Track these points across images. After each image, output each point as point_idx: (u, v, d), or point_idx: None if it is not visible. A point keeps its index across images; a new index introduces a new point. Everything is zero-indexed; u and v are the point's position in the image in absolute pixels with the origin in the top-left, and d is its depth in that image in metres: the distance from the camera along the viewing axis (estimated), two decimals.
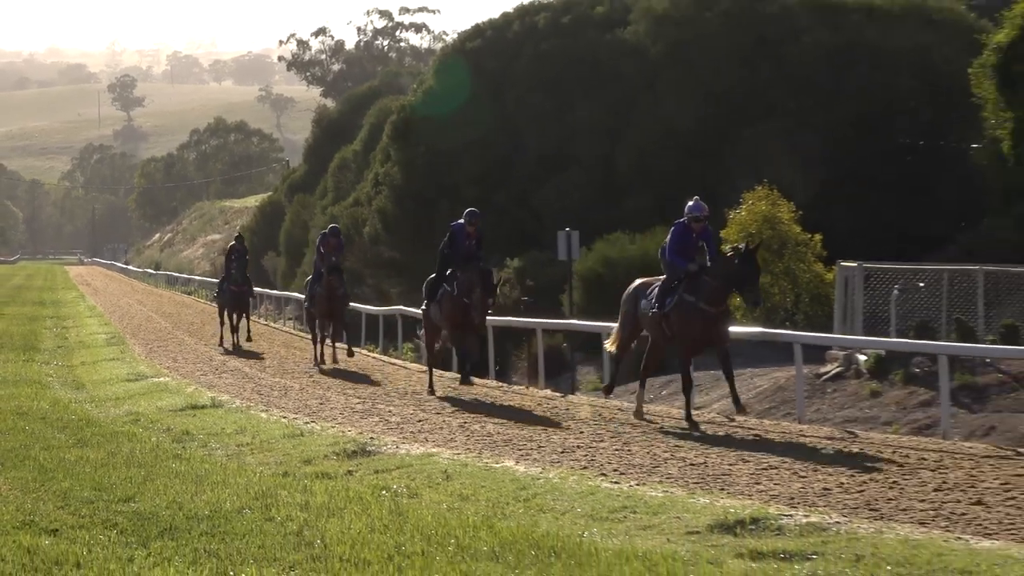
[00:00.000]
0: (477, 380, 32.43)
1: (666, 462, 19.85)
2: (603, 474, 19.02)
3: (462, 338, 30.78)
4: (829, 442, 21.11)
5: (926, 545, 13.80)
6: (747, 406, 25.28)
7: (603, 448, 21.46)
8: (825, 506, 16.07)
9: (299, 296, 66.68)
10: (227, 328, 44.23)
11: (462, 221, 30.24)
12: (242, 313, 45.45)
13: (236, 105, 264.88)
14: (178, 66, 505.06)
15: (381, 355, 43.67)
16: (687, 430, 23.24)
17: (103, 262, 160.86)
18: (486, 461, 20.59)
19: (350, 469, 20.31)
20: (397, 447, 22.35)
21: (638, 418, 24.69)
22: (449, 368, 35.24)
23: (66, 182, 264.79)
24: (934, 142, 56.34)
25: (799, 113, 56.26)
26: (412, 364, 40.65)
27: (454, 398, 29.60)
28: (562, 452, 21.25)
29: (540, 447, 21.89)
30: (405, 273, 62.08)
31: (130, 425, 26.42)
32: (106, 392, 33.23)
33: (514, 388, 32.60)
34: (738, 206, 41.96)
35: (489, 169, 61.22)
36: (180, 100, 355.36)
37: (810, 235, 40.97)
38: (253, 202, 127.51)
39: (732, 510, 15.71)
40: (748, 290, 23.43)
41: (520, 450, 21.65)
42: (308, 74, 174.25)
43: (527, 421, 25.29)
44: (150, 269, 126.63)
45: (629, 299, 25.47)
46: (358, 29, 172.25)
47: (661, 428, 23.70)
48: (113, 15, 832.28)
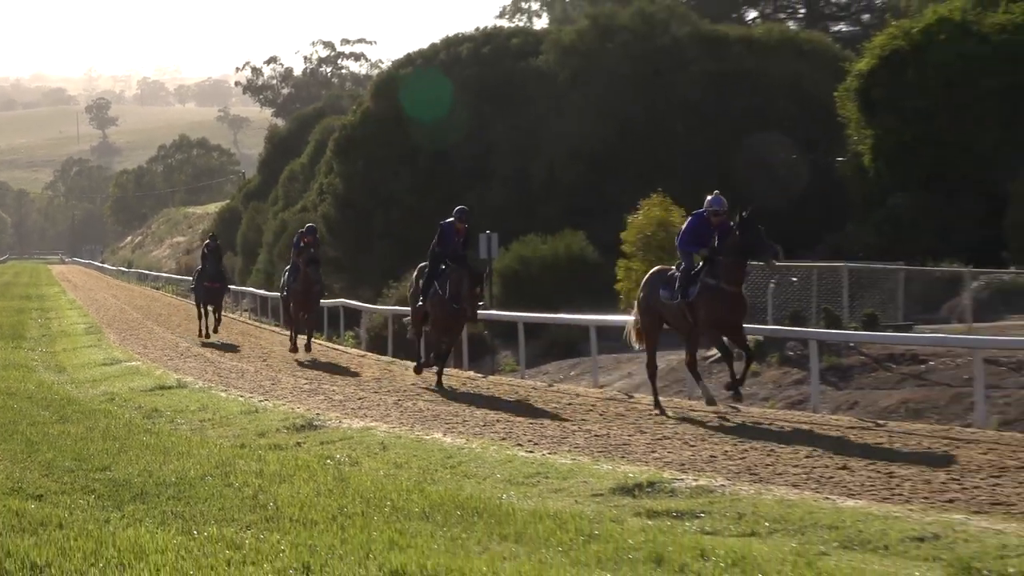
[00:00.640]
0: (407, 363, 32.36)
1: (574, 434, 19.86)
2: (519, 444, 19.05)
3: (443, 337, 28.54)
4: (714, 415, 21.16)
5: (799, 504, 13.87)
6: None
7: (519, 422, 21.47)
8: (712, 471, 16.13)
9: (253, 291, 66.75)
10: (204, 321, 42.94)
11: (452, 219, 27.60)
12: (216, 306, 43.83)
13: (198, 124, 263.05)
14: (147, 90, 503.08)
15: (326, 342, 43.50)
16: (730, 406, 21.88)
17: (82, 261, 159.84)
18: (418, 434, 20.57)
19: (299, 441, 20.26)
20: (340, 422, 22.30)
21: (710, 404, 22.12)
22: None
23: (49, 191, 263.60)
24: (805, 156, 56.57)
25: (688, 132, 56.46)
26: (352, 349, 40.57)
27: (390, 380, 29.56)
28: (484, 425, 21.25)
29: (464, 421, 21.89)
30: (346, 270, 61.98)
31: (106, 404, 26.28)
32: (85, 375, 33.04)
33: (443, 370, 32.53)
34: (636, 211, 42.04)
35: (420, 180, 61.15)
36: (149, 120, 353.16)
37: None
38: (213, 209, 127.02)
39: (631, 475, 15.75)
40: (761, 252, 21.20)
41: (447, 424, 21.64)
42: (261, 97, 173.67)
43: (453, 399, 25.29)
44: (123, 267, 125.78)
45: (646, 286, 23.14)
46: (305, 58, 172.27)
47: (570, 404, 23.69)
48: (90, 45, 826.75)
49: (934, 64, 46.51)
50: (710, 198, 22.00)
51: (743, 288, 22.31)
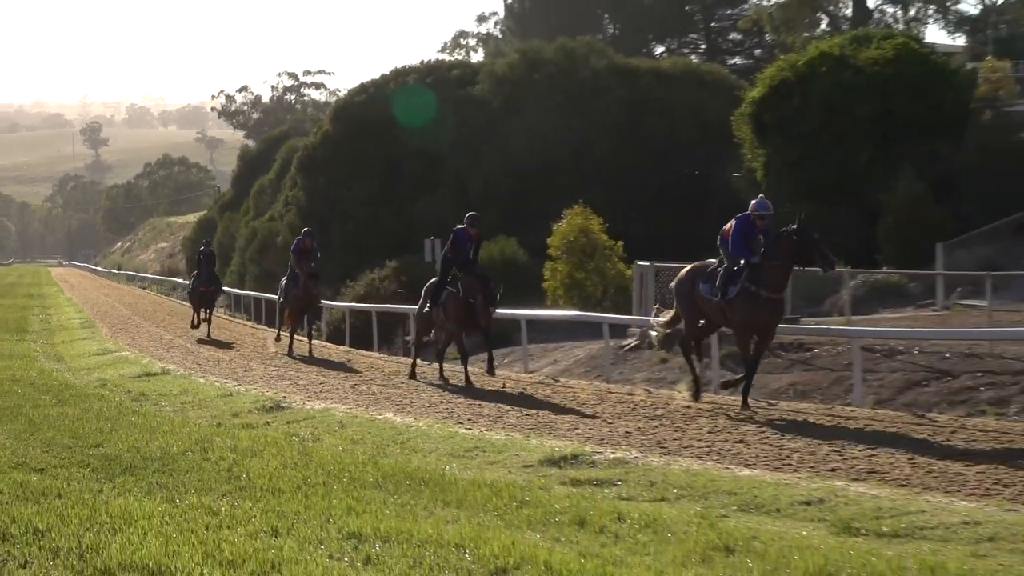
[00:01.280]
0: (373, 354, 32.31)
1: (507, 413, 19.85)
2: (460, 423, 19.03)
3: (462, 334, 25.74)
4: (630, 397, 21.18)
5: (702, 473, 13.91)
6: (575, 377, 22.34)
7: (459, 403, 21.44)
8: (627, 445, 16.15)
9: (227, 290, 66.20)
10: (197, 317, 41.05)
11: (463, 225, 24.95)
12: (209, 308, 41.46)
13: (179, 144, 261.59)
14: (134, 114, 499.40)
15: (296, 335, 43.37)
16: (744, 412, 18.96)
17: (78, 264, 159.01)
18: (372, 414, 20.53)
19: (268, 420, 20.20)
20: (304, 404, 22.23)
21: (697, 400, 20.31)
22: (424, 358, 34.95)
23: (48, 204, 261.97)
24: (706, 172, 56.80)
25: (605, 151, 56.66)
26: (316, 340, 40.42)
27: (348, 367, 29.47)
28: (429, 407, 21.22)
29: (412, 403, 21.84)
30: None
31: (99, 389, 26.12)
32: (80, 363, 32.82)
33: (393, 358, 32.45)
34: (560, 220, 42.11)
35: (373, 193, 61.08)
36: (136, 141, 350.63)
37: (614, 242, 41.16)
38: (192, 218, 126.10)
39: (557, 449, 15.75)
40: (818, 258, 18.80)
41: (397, 405, 21.59)
42: (234, 121, 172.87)
43: (404, 384, 25.23)
44: (114, 270, 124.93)
45: (685, 282, 20.60)
46: (272, 87, 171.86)
47: (504, 388, 23.68)
48: (84, 75, 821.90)
49: (816, 93, 46.81)
50: (755, 202, 19.89)
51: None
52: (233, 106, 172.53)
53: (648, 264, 33.32)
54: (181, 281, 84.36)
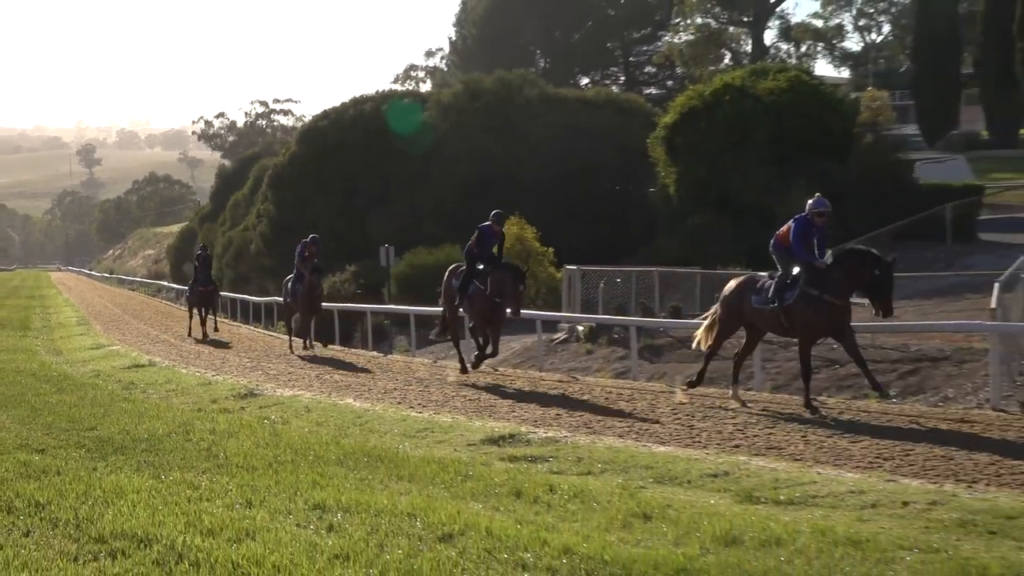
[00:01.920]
0: (336, 347, 32.20)
1: (453, 399, 19.81)
2: (411, 407, 18.97)
3: (485, 329, 23.35)
4: (560, 384, 21.19)
5: (623, 450, 13.92)
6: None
7: (411, 390, 21.38)
8: (557, 426, 16.14)
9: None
10: (195, 321, 38.67)
11: (488, 223, 22.96)
12: (209, 309, 38.84)
13: (164, 164, 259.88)
14: (124, 137, 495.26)
15: (263, 330, 43.10)
16: (808, 415, 16.39)
17: (74, 270, 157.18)
18: (334, 399, 20.45)
19: (243, 406, 20.08)
20: (274, 391, 22.12)
21: (738, 402, 17.69)
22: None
23: (48, 216, 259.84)
24: (626, 187, 57.00)
25: (537, 169, 56.72)
26: (284, 335, 40.21)
27: (313, 359, 29.35)
28: (384, 393, 21.14)
29: (370, 390, 21.76)
30: (278, 275, 61.40)
31: (93, 378, 25.92)
32: (76, 356, 32.57)
33: (353, 351, 32.34)
34: None
35: (334, 206, 60.92)
36: (126, 161, 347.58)
37: (546, 248, 41.28)
38: (176, 229, 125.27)
39: (497, 429, 15.75)
40: (882, 300, 16.16)
41: (357, 392, 21.51)
42: (212, 143, 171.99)
43: (361, 372, 25.14)
44: (106, 274, 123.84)
45: (734, 296, 18.00)
46: (245, 113, 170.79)
47: (449, 376, 23.62)
48: (79, 103, 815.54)
49: (721, 118, 47.16)
50: (812, 200, 17.42)
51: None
52: (211, 130, 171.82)
53: (575, 268, 33.45)
54: (166, 284, 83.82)
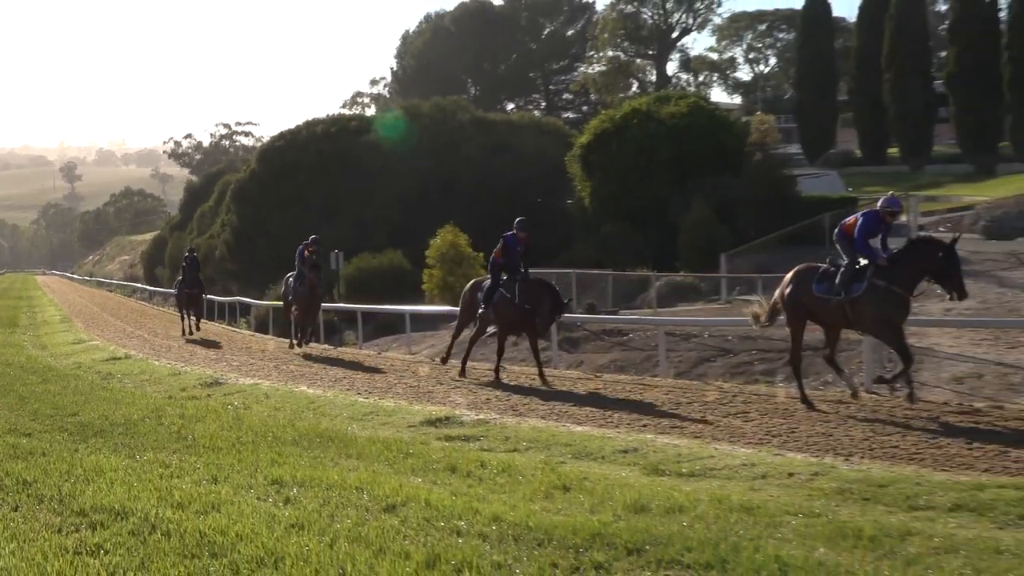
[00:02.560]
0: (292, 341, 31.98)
1: (395, 386, 19.75)
2: (359, 393, 18.92)
3: (516, 337, 21.95)
4: (490, 372, 21.18)
5: (545, 430, 13.94)
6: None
7: (359, 378, 21.30)
8: (488, 409, 16.16)
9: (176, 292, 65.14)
10: (186, 322, 36.73)
11: (513, 231, 20.48)
12: (196, 309, 36.84)
13: (138, 179, 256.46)
14: (102, 156, 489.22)
15: (228, 326, 42.79)
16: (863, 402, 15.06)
17: (58, 273, 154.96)
18: (290, 387, 20.32)
19: (209, 393, 19.91)
20: (237, 380, 21.95)
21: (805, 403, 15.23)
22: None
23: (34, 226, 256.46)
24: (547, 199, 57.14)
25: (469, 183, 56.74)
26: (245, 331, 39.95)
27: (271, 352, 29.16)
28: (334, 381, 21.06)
29: (322, 378, 21.66)
30: (241, 278, 61.11)
31: (75, 370, 25.63)
32: (60, 350, 32.16)
33: (307, 344, 32.17)
34: (435, 236, 42.16)
35: (290, 218, 60.53)
36: (104, 177, 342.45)
37: (477, 253, 41.27)
38: (148, 237, 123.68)
39: (434, 413, 15.72)
40: (953, 284, 14.43)
41: (310, 380, 21.40)
42: (181, 160, 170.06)
43: (314, 363, 25.02)
44: (87, 277, 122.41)
45: (795, 281, 15.71)
46: (211, 134, 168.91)
47: (392, 366, 23.55)
48: (62, 125, 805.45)
49: (629, 139, 47.43)
50: (885, 198, 15.30)
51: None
52: (180, 149, 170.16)
53: None
54: (140, 286, 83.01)
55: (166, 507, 9.35)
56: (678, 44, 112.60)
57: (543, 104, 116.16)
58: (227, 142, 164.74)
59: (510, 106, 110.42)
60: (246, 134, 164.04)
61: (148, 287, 78.72)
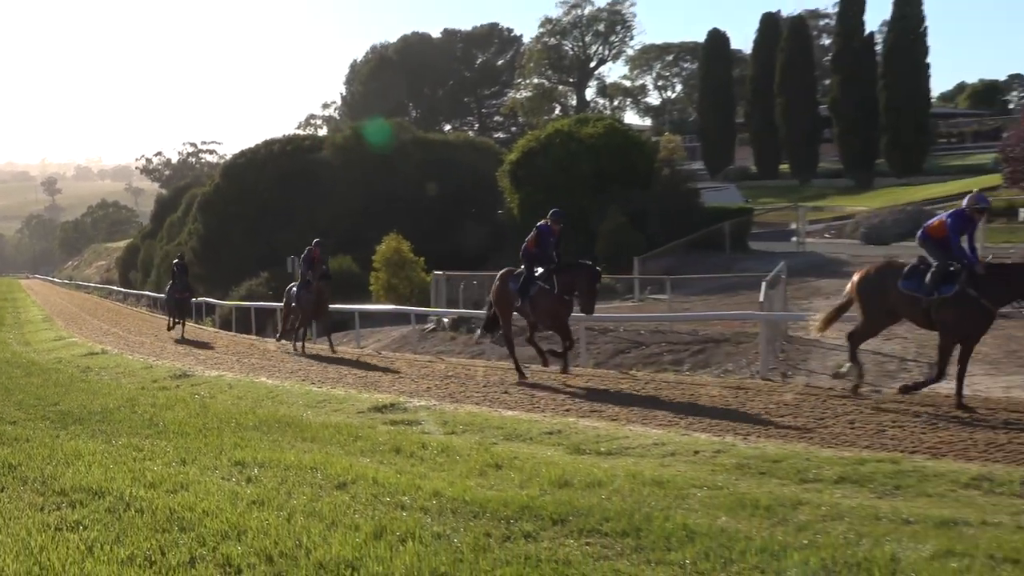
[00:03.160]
0: (253, 337, 31.70)
1: (345, 377, 19.69)
2: (313, 383, 18.83)
3: (550, 328, 18.31)
4: (430, 363, 21.15)
5: (479, 415, 13.96)
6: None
7: (313, 370, 21.19)
8: (428, 396, 16.12)
9: (149, 294, 64.46)
10: (174, 323, 34.03)
11: (547, 222, 18.20)
12: (184, 313, 34.51)
13: (113, 193, 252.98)
14: (80, 172, 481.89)
15: (194, 324, 42.31)
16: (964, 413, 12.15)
17: (41, 277, 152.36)
18: (251, 378, 20.21)
19: (178, 384, 19.77)
20: (204, 372, 21.79)
21: (855, 393, 13.71)
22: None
23: (18, 235, 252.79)
24: (480, 210, 57.16)
25: (410, 196, 56.60)
26: (211, 329, 39.54)
27: (234, 347, 28.91)
28: (292, 373, 20.93)
29: (280, 370, 21.52)
30: (207, 282, 60.33)
31: (56, 364, 25.35)
32: (42, 347, 31.75)
33: (267, 341, 31.92)
34: (381, 243, 42.09)
35: (251, 227, 60.08)
36: (82, 190, 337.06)
37: (418, 258, 41.20)
38: (123, 244, 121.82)
39: (381, 400, 15.70)
40: None
41: (270, 372, 21.27)
42: (152, 176, 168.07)
43: (274, 358, 24.85)
44: (67, 280, 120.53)
45: (876, 280, 13.44)
46: (179, 152, 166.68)
47: (343, 359, 23.43)
48: (43, 143, 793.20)
49: (553, 156, 47.53)
50: (972, 195, 12.97)
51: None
52: (151, 165, 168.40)
53: (441, 273, 33.39)
54: (115, 288, 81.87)
55: (139, 487, 9.26)
56: (595, 73, 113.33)
57: (476, 125, 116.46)
58: (194, 159, 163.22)
59: (447, 127, 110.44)
60: (211, 152, 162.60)
61: (122, 289, 77.72)
